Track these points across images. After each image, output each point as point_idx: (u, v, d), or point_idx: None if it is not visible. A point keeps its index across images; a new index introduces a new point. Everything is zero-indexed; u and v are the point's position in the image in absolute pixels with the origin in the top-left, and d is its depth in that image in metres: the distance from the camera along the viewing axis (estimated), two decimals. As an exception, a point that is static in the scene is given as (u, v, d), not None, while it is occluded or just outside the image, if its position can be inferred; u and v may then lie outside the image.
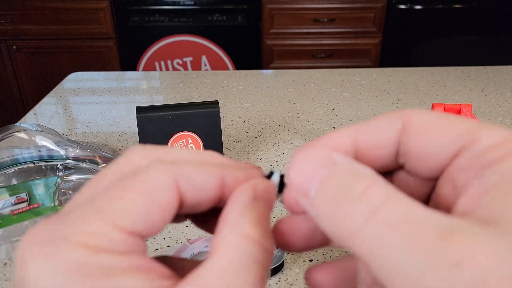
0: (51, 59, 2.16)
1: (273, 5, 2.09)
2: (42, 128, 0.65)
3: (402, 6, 2.08)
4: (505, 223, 0.13)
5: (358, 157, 0.18)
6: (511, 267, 0.12)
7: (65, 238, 0.14)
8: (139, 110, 0.59)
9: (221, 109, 0.59)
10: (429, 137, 0.17)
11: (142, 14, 2.09)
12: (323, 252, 0.50)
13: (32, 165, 0.62)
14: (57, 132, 0.67)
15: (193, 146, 0.59)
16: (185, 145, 0.59)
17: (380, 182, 0.15)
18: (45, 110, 0.91)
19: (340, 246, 0.15)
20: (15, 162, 0.62)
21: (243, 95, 0.95)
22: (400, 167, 0.19)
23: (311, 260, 0.49)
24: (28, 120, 0.85)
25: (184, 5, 2.08)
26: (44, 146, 0.63)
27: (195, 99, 0.93)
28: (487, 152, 0.15)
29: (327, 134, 0.18)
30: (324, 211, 0.15)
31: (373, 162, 0.18)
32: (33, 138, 0.63)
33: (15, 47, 2.12)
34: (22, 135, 0.63)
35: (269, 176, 0.19)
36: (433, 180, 0.18)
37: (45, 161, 0.63)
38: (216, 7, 2.09)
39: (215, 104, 0.60)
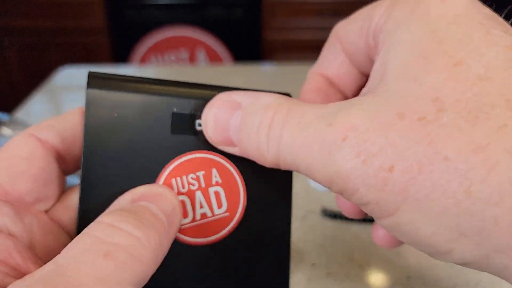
0: (43, 54, 2.15)
1: (274, -3, 2.08)
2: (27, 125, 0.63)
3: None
4: (382, 86, 0.15)
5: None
6: (375, 120, 0.14)
7: None
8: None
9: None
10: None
11: (136, 7, 2.07)
12: (326, 256, 0.48)
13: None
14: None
15: None
16: None
17: (281, 106, 0.17)
18: (36, 107, 0.88)
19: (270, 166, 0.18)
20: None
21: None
22: None
23: (313, 264, 0.47)
24: (20, 117, 0.83)
25: (181, -3, 2.06)
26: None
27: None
28: (379, 27, 0.17)
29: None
30: (250, 150, 0.18)
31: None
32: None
33: (5, 42, 2.11)
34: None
35: None
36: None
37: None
38: (214, 0, 2.08)
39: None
